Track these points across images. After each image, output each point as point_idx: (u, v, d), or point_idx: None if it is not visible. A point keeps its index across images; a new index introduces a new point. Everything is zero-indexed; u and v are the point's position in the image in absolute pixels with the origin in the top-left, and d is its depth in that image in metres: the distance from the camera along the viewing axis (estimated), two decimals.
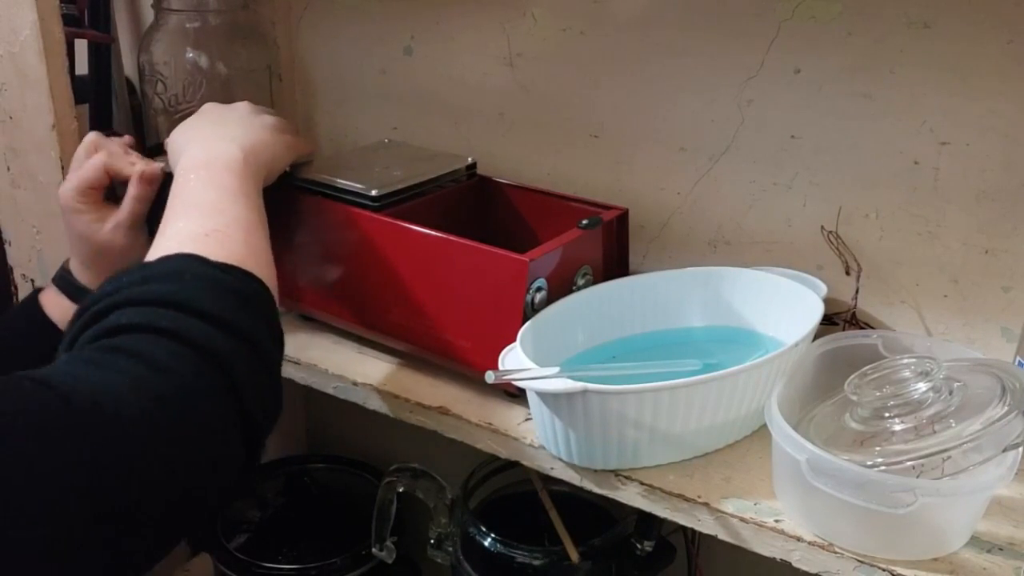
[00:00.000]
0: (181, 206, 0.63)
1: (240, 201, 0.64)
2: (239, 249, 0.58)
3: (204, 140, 0.69)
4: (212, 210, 0.61)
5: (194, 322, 0.51)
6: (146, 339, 0.50)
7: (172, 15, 0.93)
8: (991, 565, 0.57)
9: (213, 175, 0.65)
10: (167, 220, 0.62)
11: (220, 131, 0.71)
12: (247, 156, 0.68)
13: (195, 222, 0.60)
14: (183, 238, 0.58)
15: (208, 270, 0.55)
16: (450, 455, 0.88)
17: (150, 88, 0.94)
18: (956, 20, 0.70)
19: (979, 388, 0.59)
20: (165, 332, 0.50)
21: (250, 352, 0.53)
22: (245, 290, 0.56)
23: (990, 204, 0.72)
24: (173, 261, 0.56)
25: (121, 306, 0.52)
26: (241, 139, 0.70)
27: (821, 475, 0.56)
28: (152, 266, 0.56)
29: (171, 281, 0.53)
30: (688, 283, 0.77)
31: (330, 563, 1.04)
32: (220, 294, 0.54)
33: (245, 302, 0.55)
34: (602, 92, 0.87)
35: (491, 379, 0.60)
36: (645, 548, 0.84)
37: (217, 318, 0.52)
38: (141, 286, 0.53)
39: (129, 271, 0.56)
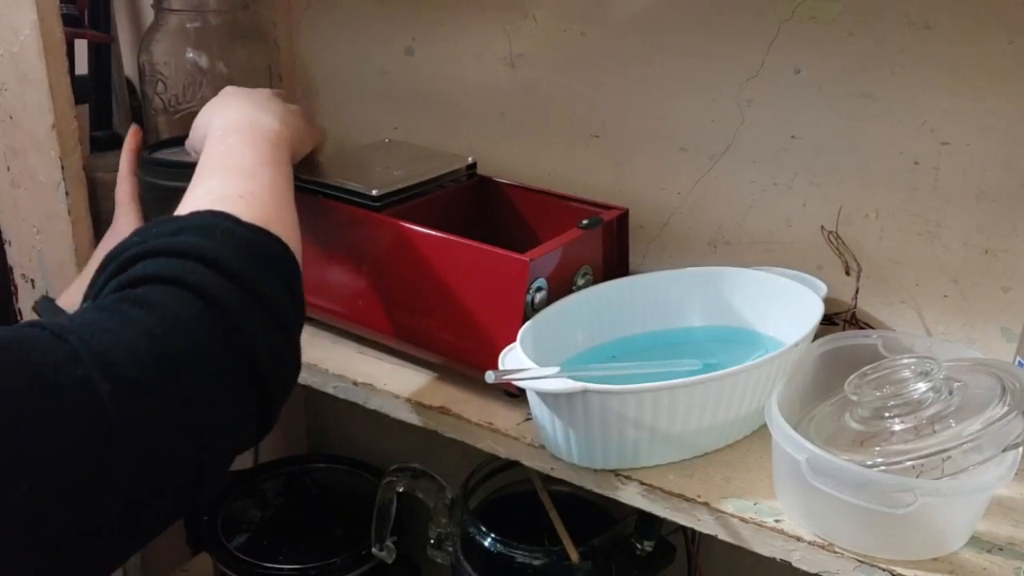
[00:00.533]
0: (216, 166, 0.62)
1: (274, 169, 0.63)
2: (271, 213, 0.58)
3: (240, 108, 0.69)
4: (246, 174, 0.61)
5: (220, 280, 0.50)
6: (170, 292, 0.49)
7: (172, 15, 0.93)
8: (991, 565, 0.57)
9: (251, 140, 0.65)
10: (200, 177, 0.61)
11: (256, 103, 0.71)
12: (283, 129, 0.68)
13: (229, 183, 0.59)
14: (215, 197, 0.57)
15: (239, 229, 0.54)
16: (450, 455, 0.88)
17: (150, 88, 0.94)
18: (956, 20, 0.70)
19: (979, 388, 0.59)
20: (190, 286, 0.49)
21: (269, 316, 0.52)
22: (271, 253, 0.55)
23: (990, 204, 0.72)
24: (205, 216, 0.55)
25: (149, 255, 0.51)
26: (276, 113, 0.70)
27: (821, 475, 0.56)
28: (184, 219, 0.55)
29: (202, 235, 0.52)
30: (688, 283, 0.77)
31: (330, 563, 1.04)
32: (248, 255, 0.53)
33: (271, 265, 0.55)
34: (602, 92, 0.87)
35: (491, 379, 0.60)
36: (645, 548, 0.84)
37: (242, 279, 0.51)
38: (172, 237, 0.52)
39: (160, 222, 0.55)
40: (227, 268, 0.51)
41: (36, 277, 0.92)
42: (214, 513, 1.10)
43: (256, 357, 0.50)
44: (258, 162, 0.63)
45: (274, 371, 0.52)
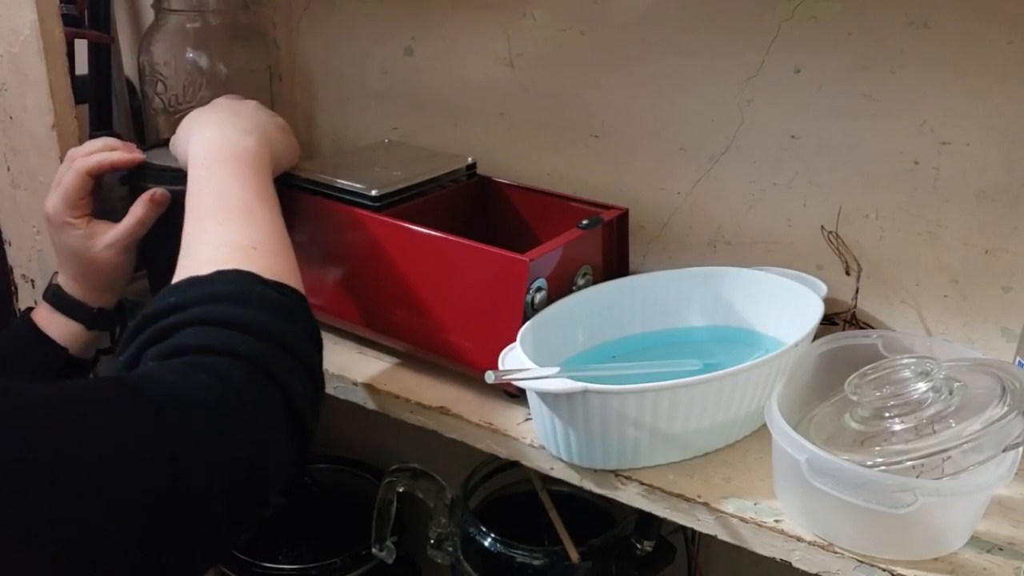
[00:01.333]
0: (217, 206, 0.64)
1: (269, 206, 0.66)
2: (283, 263, 0.62)
3: (220, 127, 0.70)
4: (250, 218, 0.64)
5: (264, 347, 0.55)
6: (222, 361, 0.53)
7: (172, 15, 0.93)
8: (991, 565, 0.57)
9: (238, 171, 0.66)
10: (201, 217, 0.63)
11: (236, 121, 0.71)
12: (262, 150, 0.69)
13: (238, 231, 0.62)
14: (231, 250, 0.61)
15: (267, 292, 0.59)
16: (450, 455, 0.88)
17: (150, 88, 0.94)
18: (956, 20, 0.70)
19: (979, 388, 0.59)
20: (242, 357, 0.54)
21: (304, 370, 0.57)
22: (298, 310, 0.60)
23: (990, 204, 0.72)
24: (234, 281, 0.59)
25: (193, 324, 0.55)
26: (256, 132, 0.71)
27: (821, 475, 0.56)
28: (215, 283, 0.58)
29: (239, 303, 0.56)
30: (688, 283, 0.77)
31: (330, 563, 1.04)
32: (283, 319, 0.58)
33: (301, 322, 0.60)
34: (602, 92, 0.87)
35: (491, 379, 0.60)
36: (645, 548, 0.84)
37: (285, 343, 0.56)
38: (210, 305, 0.56)
39: (191, 284, 0.58)
40: (268, 335, 0.56)
41: (36, 277, 0.92)
42: None
43: (295, 408, 0.55)
44: (255, 199, 0.65)
45: (310, 412, 0.57)
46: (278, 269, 0.61)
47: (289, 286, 0.60)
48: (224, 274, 0.59)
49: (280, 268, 0.61)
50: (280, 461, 0.56)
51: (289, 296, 0.60)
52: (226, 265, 0.59)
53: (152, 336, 0.55)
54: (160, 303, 0.57)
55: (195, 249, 0.62)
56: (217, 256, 0.60)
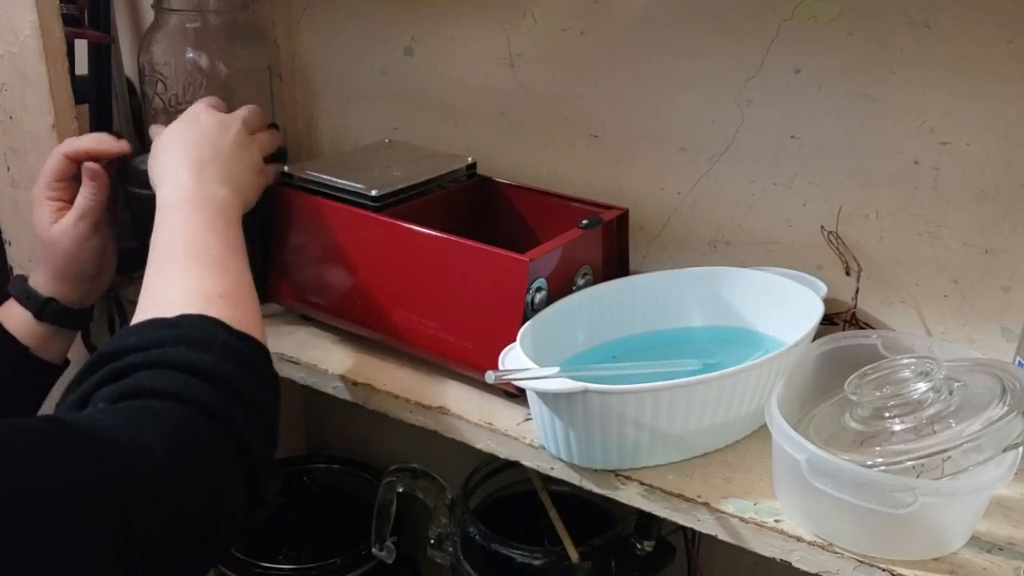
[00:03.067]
0: (186, 252, 0.64)
1: (239, 256, 0.66)
2: (248, 314, 0.62)
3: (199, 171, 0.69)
4: (218, 264, 0.64)
5: (223, 397, 0.55)
6: (179, 409, 0.53)
7: (172, 15, 0.93)
8: (991, 565, 0.57)
9: (211, 220, 0.66)
10: (171, 261, 0.63)
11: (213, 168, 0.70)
12: (235, 199, 0.70)
13: (207, 278, 0.62)
14: (197, 296, 0.61)
15: (233, 340, 0.59)
16: (450, 455, 0.88)
17: (150, 88, 0.94)
18: (956, 20, 0.70)
19: (979, 388, 0.59)
20: (198, 406, 0.54)
21: (261, 422, 0.58)
22: (259, 360, 0.60)
23: (990, 204, 0.72)
24: (200, 326, 0.58)
25: (152, 366, 0.55)
26: (229, 181, 0.70)
27: (821, 475, 0.56)
28: (179, 326, 0.58)
29: (205, 350, 0.56)
30: (688, 283, 0.77)
31: (330, 563, 1.04)
32: (243, 368, 0.58)
33: (259, 373, 0.60)
34: (602, 92, 0.87)
35: (491, 379, 0.60)
36: (645, 548, 0.84)
37: (241, 393, 0.56)
38: (172, 348, 0.56)
39: (153, 325, 0.58)
40: (231, 385, 0.56)
41: None
42: None
43: (250, 453, 0.56)
44: (226, 249, 0.65)
45: (262, 460, 0.58)
46: (243, 319, 0.61)
47: (253, 337, 0.61)
48: (188, 318, 0.58)
49: (245, 318, 0.61)
50: (232, 508, 0.55)
51: (252, 347, 0.60)
52: (191, 310, 0.59)
53: (106, 375, 0.55)
54: (117, 342, 0.56)
55: (159, 292, 0.61)
56: (183, 301, 0.60)
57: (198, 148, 0.71)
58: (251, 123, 0.77)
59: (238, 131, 0.75)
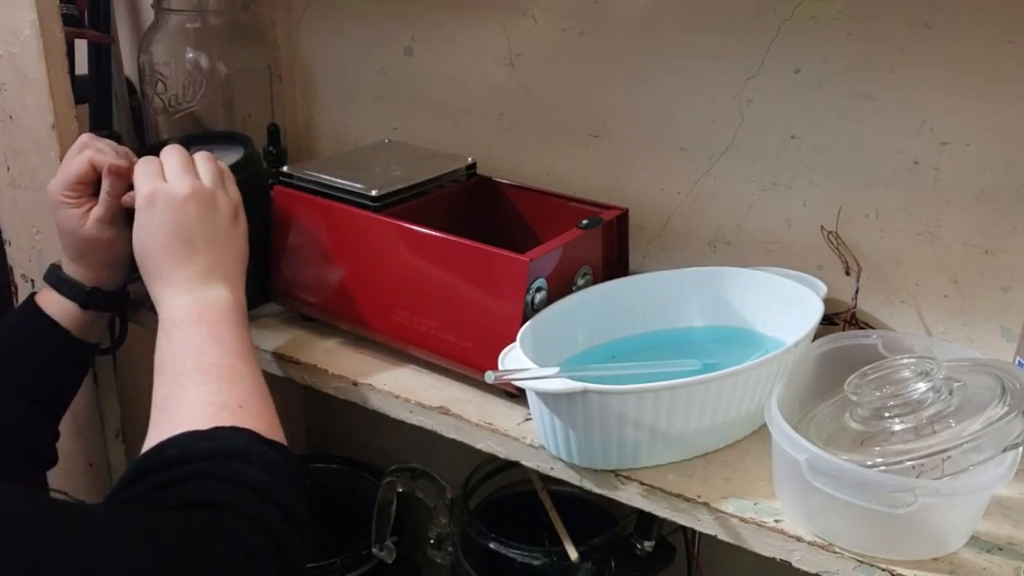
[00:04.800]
0: (196, 368, 0.63)
1: (248, 360, 0.66)
2: (271, 420, 0.63)
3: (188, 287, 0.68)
4: (233, 377, 0.64)
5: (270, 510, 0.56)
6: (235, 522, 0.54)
7: (172, 15, 0.93)
8: (991, 565, 0.57)
9: (214, 330, 0.66)
10: (181, 376, 0.63)
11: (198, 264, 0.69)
12: (233, 295, 0.69)
13: (223, 391, 0.62)
14: (219, 408, 0.61)
15: (267, 451, 0.59)
16: (450, 455, 0.88)
17: (150, 88, 0.94)
18: (956, 20, 0.70)
19: (979, 388, 0.59)
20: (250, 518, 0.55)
21: (298, 531, 0.58)
22: (291, 468, 0.61)
23: (990, 204, 0.72)
24: (234, 438, 0.59)
25: (202, 477, 0.56)
26: (221, 277, 0.70)
27: (821, 475, 0.56)
28: (216, 439, 0.58)
29: (244, 461, 0.57)
30: (688, 283, 0.77)
31: (330, 563, 1.04)
32: (281, 478, 0.59)
33: (294, 482, 0.60)
34: (602, 92, 0.87)
35: (491, 379, 0.60)
36: (645, 548, 0.84)
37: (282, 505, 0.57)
38: (217, 461, 0.57)
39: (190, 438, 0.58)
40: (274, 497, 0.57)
41: (36, 277, 0.92)
42: None
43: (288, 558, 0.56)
44: (235, 357, 0.65)
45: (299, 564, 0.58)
46: (268, 427, 0.61)
47: (284, 445, 0.61)
48: (223, 431, 0.59)
49: (270, 426, 0.62)
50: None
51: (284, 455, 0.61)
52: (220, 422, 0.59)
53: (159, 481, 0.56)
54: (159, 454, 0.57)
55: (176, 408, 0.61)
56: (206, 415, 0.60)
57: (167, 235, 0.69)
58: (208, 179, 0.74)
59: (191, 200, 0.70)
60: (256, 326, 0.84)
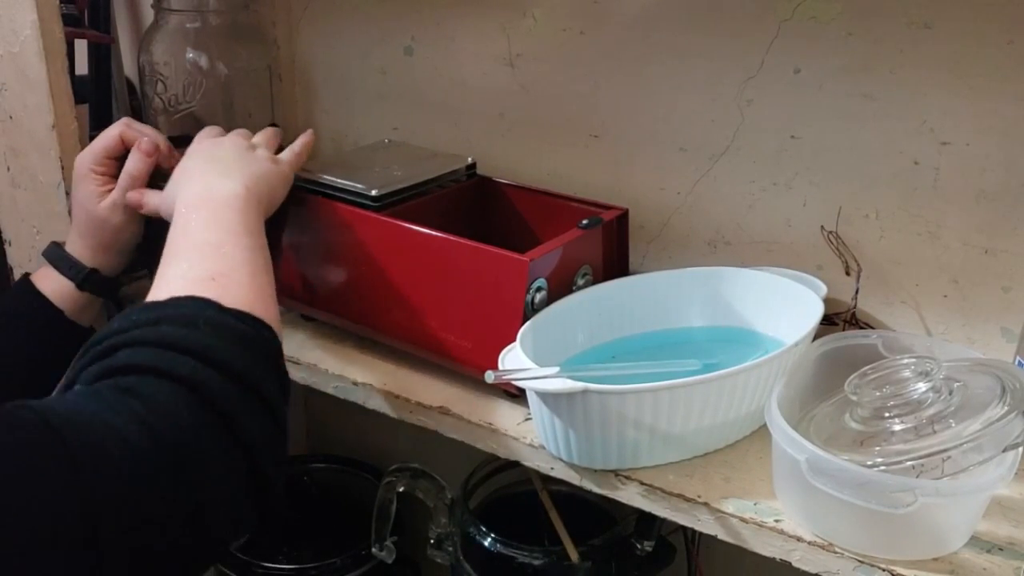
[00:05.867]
0: (183, 247, 0.62)
1: (244, 241, 0.63)
2: (248, 293, 0.58)
3: (202, 177, 0.68)
4: (216, 252, 0.60)
5: (209, 372, 0.50)
6: (160, 385, 0.49)
7: (172, 15, 0.93)
8: (991, 565, 0.57)
9: (214, 213, 0.64)
10: (168, 261, 0.61)
11: (217, 167, 0.70)
12: (248, 191, 0.67)
13: (200, 265, 0.59)
14: (188, 281, 0.57)
15: (223, 317, 0.55)
16: (450, 455, 0.88)
17: (150, 88, 0.94)
18: (956, 20, 0.70)
19: (979, 388, 0.59)
20: (179, 379, 0.49)
21: (261, 405, 0.52)
22: (258, 339, 0.56)
23: (990, 204, 0.72)
24: (186, 304, 0.55)
25: (132, 345, 0.51)
26: (240, 174, 0.68)
27: (821, 475, 0.56)
28: (164, 307, 0.55)
29: (187, 326, 0.52)
30: (688, 283, 0.77)
31: (330, 563, 1.04)
32: (234, 343, 0.53)
33: (259, 353, 0.55)
34: (602, 92, 0.87)
35: (491, 379, 0.60)
36: (645, 548, 0.84)
37: (231, 370, 0.51)
38: (154, 327, 0.52)
39: (139, 309, 0.55)
40: (216, 360, 0.51)
41: None
42: None
43: (249, 444, 0.51)
44: (226, 234, 0.62)
45: (267, 454, 0.52)
46: (243, 299, 0.57)
47: (252, 315, 0.56)
48: (176, 300, 0.56)
49: (246, 298, 0.57)
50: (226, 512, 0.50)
51: (252, 325, 0.56)
52: (182, 293, 0.56)
53: (89, 358, 0.52)
54: (108, 327, 0.54)
55: (156, 287, 0.59)
56: (175, 288, 0.57)
57: (198, 162, 0.71)
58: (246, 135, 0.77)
59: (236, 135, 0.75)
60: None
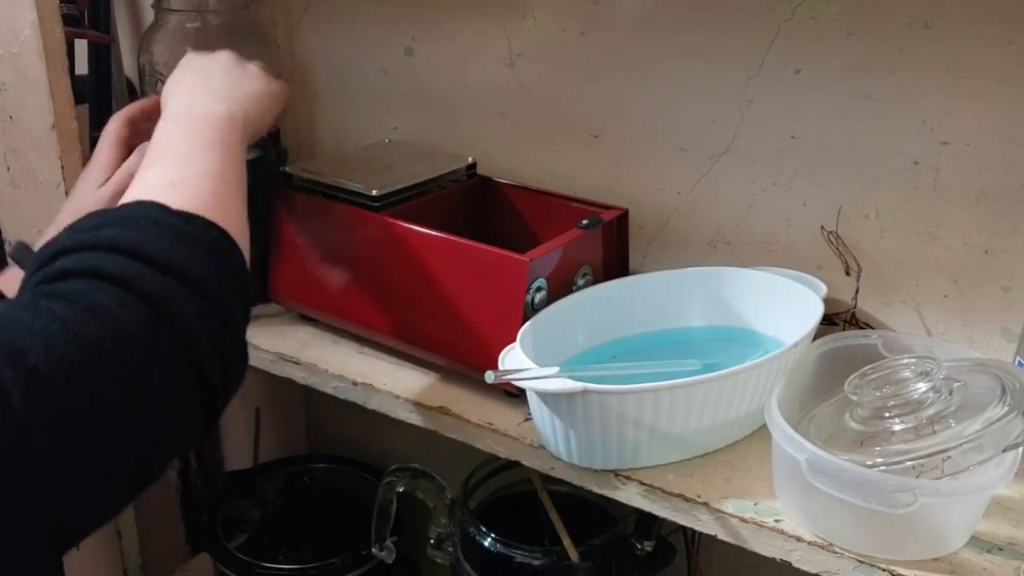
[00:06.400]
0: (152, 156, 0.59)
1: (216, 152, 0.59)
2: (206, 199, 0.55)
3: (187, 95, 0.66)
4: (183, 160, 0.58)
5: (142, 268, 0.47)
6: (87, 284, 0.46)
7: (172, 15, 0.93)
8: (991, 565, 0.57)
9: (192, 126, 0.61)
10: (143, 166, 0.58)
11: (204, 84, 0.67)
12: (232, 112, 0.64)
13: (163, 171, 0.56)
14: (146, 187, 0.55)
15: (167, 217, 0.51)
16: (450, 455, 0.88)
17: (150, 88, 0.94)
18: (956, 20, 0.70)
19: (979, 388, 0.59)
20: (108, 277, 0.46)
21: (204, 302, 0.49)
22: (205, 238, 0.52)
23: (990, 204, 0.72)
24: (131, 208, 0.52)
25: (69, 251, 0.48)
26: (226, 94, 0.66)
27: (821, 475, 0.56)
28: (109, 213, 0.52)
29: (124, 227, 0.50)
30: (688, 283, 0.77)
31: (330, 563, 1.04)
32: (175, 241, 0.50)
33: (204, 250, 0.51)
34: (602, 92, 0.87)
35: (491, 379, 0.60)
36: (645, 548, 0.84)
37: (167, 265, 0.48)
38: (94, 231, 0.49)
39: (87, 216, 0.52)
40: (151, 257, 0.48)
41: None
42: (214, 513, 1.10)
43: (190, 344, 0.47)
44: (196, 145, 0.59)
45: (213, 358, 0.49)
46: (197, 203, 0.53)
47: (202, 217, 0.52)
48: (124, 206, 0.52)
49: (202, 204, 0.54)
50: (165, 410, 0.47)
51: (201, 228, 0.52)
52: (138, 198, 0.53)
53: (36, 267, 0.49)
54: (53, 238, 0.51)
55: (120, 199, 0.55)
56: (134, 194, 0.54)
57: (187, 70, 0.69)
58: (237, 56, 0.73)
59: (227, 53, 0.72)
60: (256, 326, 0.84)
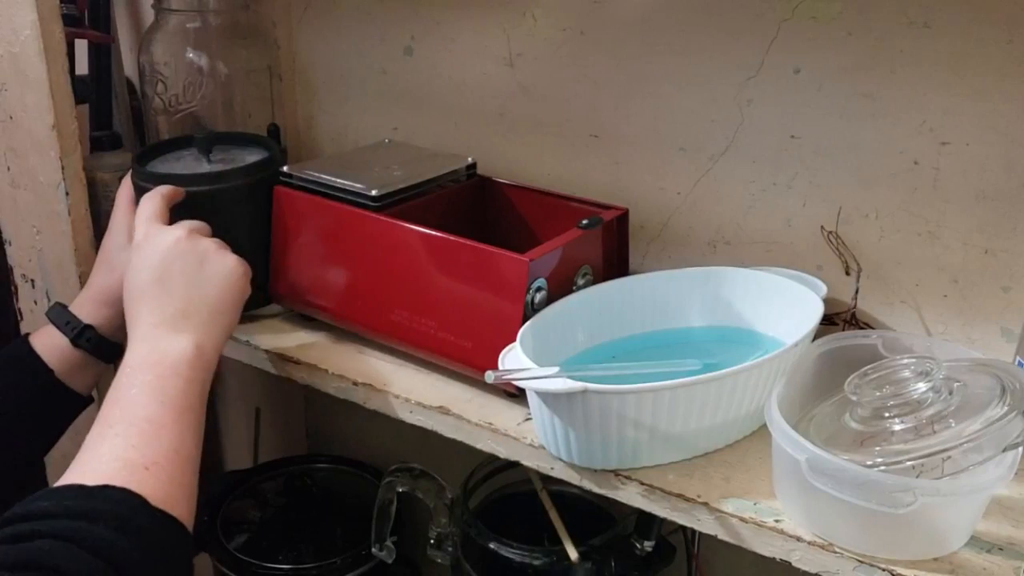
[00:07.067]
0: (120, 419, 0.61)
1: (184, 419, 0.63)
2: (177, 488, 0.59)
3: (148, 325, 0.67)
4: (155, 435, 0.60)
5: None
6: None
7: (172, 15, 0.93)
8: (991, 565, 0.57)
9: (160, 380, 0.63)
10: (103, 430, 0.60)
11: (165, 300, 0.68)
12: (198, 345, 0.66)
13: (136, 448, 0.59)
14: (123, 466, 0.58)
15: (152, 524, 0.56)
16: (450, 455, 0.88)
17: (150, 88, 0.94)
18: (956, 20, 0.70)
19: (979, 388, 0.59)
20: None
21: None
22: (175, 547, 0.57)
23: (990, 204, 0.72)
24: (118, 500, 0.56)
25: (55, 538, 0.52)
26: (189, 316, 0.67)
27: (821, 475, 0.56)
28: (94, 496, 0.55)
29: (115, 529, 0.54)
30: (688, 283, 0.77)
31: (330, 563, 1.04)
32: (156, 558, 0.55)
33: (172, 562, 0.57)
34: (602, 92, 0.87)
35: (491, 379, 0.60)
36: (645, 548, 0.84)
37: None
38: (85, 523, 0.53)
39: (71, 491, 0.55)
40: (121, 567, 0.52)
41: (36, 277, 0.92)
42: (214, 513, 1.10)
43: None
44: (169, 413, 0.62)
45: None
46: (170, 494, 0.58)
47: (173, 517, 0.58)
48: (110, 490, 0.56)
49: (173, 494, 0.58)
50: None
51: (173, 531, 0.57)
52: (115, 481, 0.56)
53: (9, 535, 0.52)
54: (31, 503, 0.54)
55: (88, 458, 0.59)
56: (108, 470, 0.57)
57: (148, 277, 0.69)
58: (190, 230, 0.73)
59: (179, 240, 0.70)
60: (256, 326, 0.84)
